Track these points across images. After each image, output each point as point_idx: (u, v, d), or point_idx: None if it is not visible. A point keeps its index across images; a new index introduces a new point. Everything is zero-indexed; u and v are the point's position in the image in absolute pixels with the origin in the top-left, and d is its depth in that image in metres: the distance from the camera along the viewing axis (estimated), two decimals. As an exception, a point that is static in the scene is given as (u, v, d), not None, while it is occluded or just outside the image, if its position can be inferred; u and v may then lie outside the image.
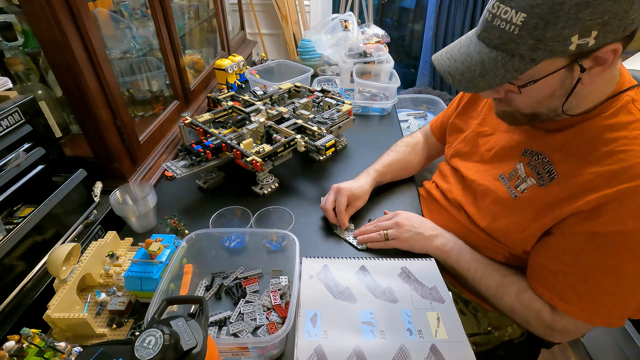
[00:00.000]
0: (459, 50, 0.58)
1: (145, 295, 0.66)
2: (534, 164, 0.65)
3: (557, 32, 0.48)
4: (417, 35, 3.02)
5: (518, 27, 0.49)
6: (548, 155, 0.64)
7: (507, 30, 0.50)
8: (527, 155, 0.68)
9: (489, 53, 0.54)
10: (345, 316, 0.65)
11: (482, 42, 0.55)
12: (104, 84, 0.81)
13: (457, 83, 0.57)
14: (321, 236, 0.84)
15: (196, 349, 0.41)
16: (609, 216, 0.54)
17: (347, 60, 1.46)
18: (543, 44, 0.49)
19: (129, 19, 1.15)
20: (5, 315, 0.60)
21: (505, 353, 0.82)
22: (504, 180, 0.70)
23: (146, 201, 0.80)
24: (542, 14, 0.47)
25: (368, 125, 1.31)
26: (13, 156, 0.68)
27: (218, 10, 1.60)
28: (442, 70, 0.59)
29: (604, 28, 0.47)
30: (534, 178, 0.65)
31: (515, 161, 0.69)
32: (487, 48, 0.54)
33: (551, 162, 0.63)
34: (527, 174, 0.66)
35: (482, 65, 0.54)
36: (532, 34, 0.49)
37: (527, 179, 0.66)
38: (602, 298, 0.58)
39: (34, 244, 0.66)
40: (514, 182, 0.68)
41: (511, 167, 0.70)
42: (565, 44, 0.48)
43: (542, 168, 0.64)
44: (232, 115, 1.09)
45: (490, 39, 0.53)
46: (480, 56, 0.54)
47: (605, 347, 1.36)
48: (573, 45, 0.48)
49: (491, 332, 0.81)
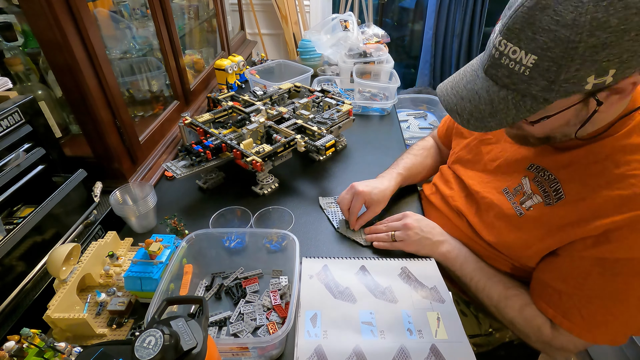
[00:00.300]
0: (465, 87, 0.55)
1: (145, 295, 0.66)
2: (540, 181, 0.63)
3: (572, 74, 0.44)
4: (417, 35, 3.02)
5: (529, 69, 0.46)
6: (555, 173, 0.62)
7: (517, 70, 0.47)
8: (533, 171, 0.65)
9: (499, 92, 0.51)
10: (345, 316, 0.64)
11: (489, 78, 0.52)
12: (104, 84, 0.81)
13: (465, 122, 0.54)
14: (321, 236, 0.84)
15: (196, 349, 0.41)
16: (619, 243, 0.53)
17: (347, 60, 1.46)
18: (557, 85, 0.46)
19: (129, 19, 1.15)
20: (5, 316, 0.60)
21: (505, 353, 0.83)
22: (509, 195, 0.69)
23: (146, 201, 0.80)
24: (554, 57, 0.44)
25: (368, 125, 1.31)
26: (13, 156, 0.68)
27: (218, 10, 1.60)
28: (448, 109, 0.56)
29: (622, 66, 0.43)
30: (540, 196, 0.63)
31: (521, 175, 0.67)
32: (495, 86, 0.51)
33: (558, 181, 0.61)
34: (532, 191, 0.64)
35: (492, 105, 0.51)
36: (544, 76, 0.46)
37: (532, 195, 0.64)
38: (606, 319, 0.58)
39: (33, 244, 0.66)
40: (519, 197, 0.66)
41: (516, 182, 0.68)
42: (581, 84, 0.45)
43: (548, 186, 0.62)
44: (232, 115, 1.09)
45: (499, 77, 0.50)
46: (489, 95, 0.51)
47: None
48: (589, 85, 0.45)
49: (492, 333, 0.81)
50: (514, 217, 0.66)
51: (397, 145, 1.18)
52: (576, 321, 0.60)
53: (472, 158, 0.81)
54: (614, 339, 0.59)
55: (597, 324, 0.59)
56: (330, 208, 0.91)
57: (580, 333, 0.60)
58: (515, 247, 0.67)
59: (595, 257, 0.56)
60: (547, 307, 0.63)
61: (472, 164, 0.80)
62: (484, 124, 0.52)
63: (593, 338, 0.60)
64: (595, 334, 0.60)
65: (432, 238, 0.77)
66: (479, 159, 0.79)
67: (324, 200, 0.93)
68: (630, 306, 0.57)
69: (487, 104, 0.51)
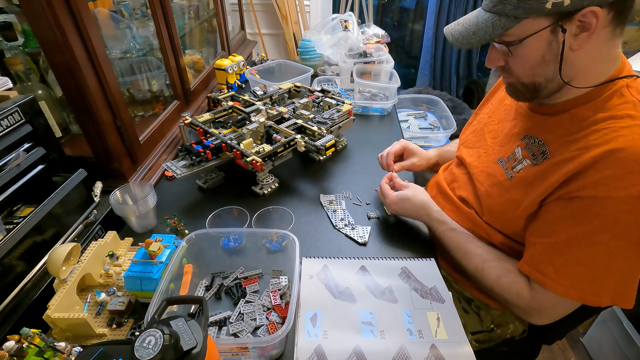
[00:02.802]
0: (464, 17, 0.65)
1: (145, 295, 0.66)
2: (530, 147, 0.68)
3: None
4: (417, 35, 3.02)
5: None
6: (543, 138, 0.67)
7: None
8: (525, 140, 0.70)
9: (484, 15, 0.60)
10: (345, 316, 0.65)
11: (482, 8, 0.62)
12: (104, 84, 0.81)
13: (454, 41, 0.64)
14: (321, 236, 0.84)
15: (196, 349, 0.41)
16: (584, 181, 0.57)
17: (347, 60, 1.46)
18: (523, 2, 0.54)
19: (129, 19, 1.15)
20: (5, 315, 0.60)
21: (507, 349, 0.83)
22: (502, 163, 0.73)
23: (146, 201, 0.80)
24: None
25: (368, 125, 1.31)
26: (13, 156, 0.68)
27: (218, 10, 1.60)
28: (446, 32, 0.66)
29: None
30: (529, 159, 0.67)
31: (514, 145, 0.72)
32: (483, 11, 0.61)
33: (545, 144, 0.66)
34: (523, 156, 0.69)
35: (477, 25, 0.60)
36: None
37: (523, 160, 0.69)
38: (576, 269, 0.59)
39: (33, 244, 0.66)
40: (510, 164, 0.71)
41: (510, 151, 0.72)
42: (541, 2, 0.53)
43: (537, 150, 0.67)
44: (232, 115, 1.09)
45: (486, 3, 0.60)
46: (477, 18, 0.61)
47: (605, 347, 1.36)
48: (549, 3, 0.53)
49: (494, 329, 0.82)
50: (505, 181, 0.70)
51: (397, 145, 1.18)
52: (548, 273, 0.61)
53: (476, 138, 0.86)
54: (584, 295, 0.59)
55: (567, 275, 0.60)
56: (330, 206, 0.91)
57: (552, 286, 0.61)
58: (506, 209, 0.69)
59: (565, 199, 0.60)
60: (524, 263, 0.65)
61: (474, 143, 0.85)
62: (467, 40, 0.62)
63: (565, 291, 0.60)
64: (566, 285, 0.60)
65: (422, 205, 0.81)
66: (481, 138, 0.84)
67: (325, 198, 0.94)
68: (598, 256, 0.57)
69: (474, 25, 0.61)
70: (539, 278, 0.62)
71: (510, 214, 0.68)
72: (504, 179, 0.71)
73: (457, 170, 0.87)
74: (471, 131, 0.90)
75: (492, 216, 0.72)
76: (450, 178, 0.88)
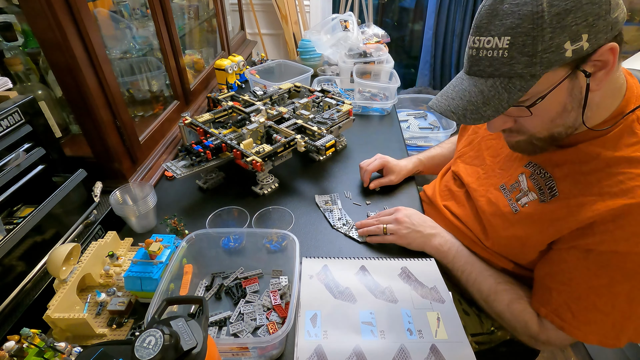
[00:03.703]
0: (454, 90, 0.57)
1: (145, 295, 0.66)
2: (537, 178, 0.65)
3: (548, 43, 0.48)
4: (417, 35, 3.02)
5: (506, 49, 0.50)
6: (550, 171, 0.63)
7: (496, 56, 0.51)
8: (530, 168, 0.67)
9: (485, 82, 0.53)
10: (345, 316, 0.65)
11: (474, 76, 0.55)
12: (104, 84, 0.81)
13: (462, 118, 0.55)
14: (321, 236, 0.84)
15: (196, 349, 0.41)
16: (603, 235, 0.54)
17: (347, 60, 1.46)
18: (538, 57, 0.49)
19: (129, 19, 1.15)
20: (5, 316, 0.60)
21: (507, 350, 0.83)
22: (505, 192, 0.70)
23: (146, 201, 0.80)
24: (525, 31, 0.48)
25: (368, 125, 1.31)
26: (13, 156, 0.68)
27: (218, 10, 1.60)
28: (443, 111, 0.57)
29: (592, 30, 0.47)
30: (536, 193, 0.64)
31: (518, 172, 0.69)
32: (481, 79, 0.54)
33: (553, 178, 0.62)
34: (529, 188, 0.65)
35: (483, 95, 0.53)
36: (523, 52, 0.49)
37: (528, 192, 0.65)
38: (596, 317, 0.58)
39: (33, 244, 0.66)
40: (515, 194, 0.68)
41: (513, 179, 0.69)
42: (560, 52, 0.48)
43: (544, 183, 0.63)
44: (232, 115, 1.09)
45: (482, 69, 0.53)
46: (478, 87, 0.54)
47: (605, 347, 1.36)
48: (568, 51, 0.48)
49: (494, 332, 0.82)
50: (510, 214, 0.67)
51: (397, 145, 1.18)
52: (566, 318, 0.60)
53: (474, 154, 0.83)
54: (604, 340, 0.58)
55: (587, 322, 0.59)
56: (327, 206, 0.91)
57: (571, 331, 0.60)
58: (510, 244, 0.68)
59: (581, 250, 0.57)
60: (540, 305, 0.64)
61: (473, 160, 0.82)
62: (479, 114, 0.53)
63: (584, 336, 0.59)
64: (585, 332, 0.59)
65: (424, 231, 0.78)
66: (479, 154, 0.81)
67: (321, 199, 0.94)
68: (619, 303, 0.56)
69: (478, 95, 0.53)
70: (558, 322, 0.61)
71: (515, 247, 0.67)
72: (509, 211, 0.68)
73: (456, 187, 0.85)
74: (467, 142, 0.86)
75: (496, 245, 0.71)
76: (446, 193, 0.87)
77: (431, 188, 0.94)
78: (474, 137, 0.85)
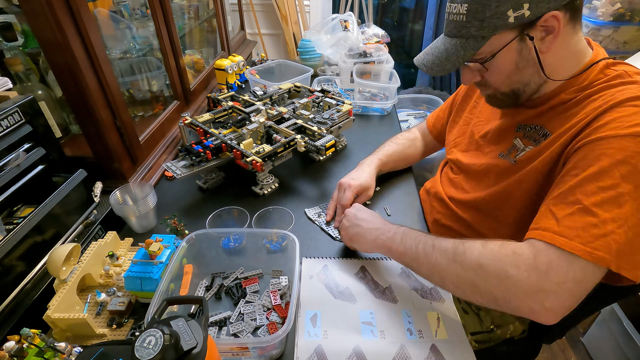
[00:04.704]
0: (431, 47, 0.69)
1: (146, 295, 0.66)
2: (529, 134, 0.69)
3: (494, 10, 0.57)
4: (417, 35, 3.01)
5: (464, 15, 0.61)
6: (539, 122, 0.68)
7: (458, 20, 0.62)
8: (521, 130, 0.71)
9: (450, 41, 0.65)
10: (345, 316, 0.65)
11: (446, 36, 0.67)
12: (104, 84, 0.81)
13: (429, 70, 0.67)
14: (321, 236, 0.84)
15: (196, 349, 0.41)
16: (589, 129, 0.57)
17: (347, 60, 1.46)
18: (486, 22, 0.59)
19: (128, 19, 1.15)
20: (6, 316, 0.60)
21: (507, 349, 0.83)
22: (505, 157, 0.73)
23: (146, 201, 0.80)
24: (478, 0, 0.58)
25: (368, 125, 1.31)
26: (13, 156, 0.68)
27: (218, 10, 1.60)
28: (418, 64, 0.70)
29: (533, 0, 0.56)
30: (532, 145, 0.68)
31: (512, 137, 0.72)
32: (448, 38, 0.66)
33: (543, 126, 0.67)
34: (524, 144, 0.70)
35: (447, 52, 0.65)
36: (476, 17, 0.59)
37: (525, 147, 0.69)
38: (581, 219, 0.52)
39: (34, 244, 0.66)
40: (513, 154, 0.71)
41: (509, 144, 0.73)
42: (504, 18, 0.58)
43: (536, 134, 0.68)
44: (232, 115, 1.09)
45: (450, 30, 0.65)
46: (445, 45, 0.66)
47: (605, 347, 1.36)
48: (511, 18, 0.57)
49: (494, 330, 0.82)
50: (511, 167, 0.71)
51: (397, 145, 1.18)
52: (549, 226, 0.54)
53: (468, 140, 0.86)
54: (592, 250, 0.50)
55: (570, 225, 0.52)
56: (320, 218, 0.88)
57: (553, 238, 0.52)
58: (512, 190, 0.69)
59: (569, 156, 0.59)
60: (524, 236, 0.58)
61: (468, 146, 0.85)
62: (441, 67, 0.65)
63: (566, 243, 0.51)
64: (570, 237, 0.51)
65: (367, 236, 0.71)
66: (472, 140, 0.84)
67: (312, 212, 0.89)
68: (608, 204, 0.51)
69: (443, 52, 0.65)
70: (538, 234, 0.54)
71: (517, 194, 0.68)
72: (509, 165, 0.71)
73: (453, 174, 0.86)
74: (461, 132, 0.89)
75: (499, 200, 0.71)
76: (447, 183, 0.88)
77: (431, 182, 0.95)
78: (466, 128, 0.88)
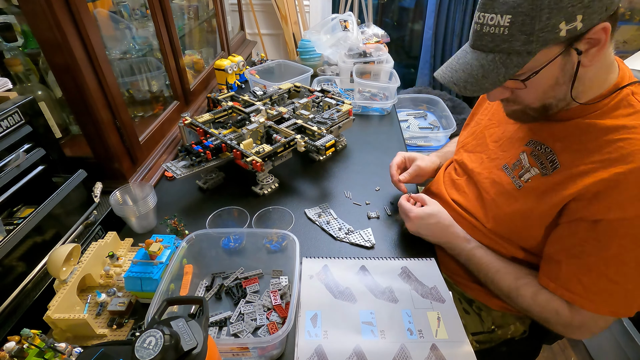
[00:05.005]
0: (458, 62, 0.61)
1: (146, 295, 0.66)
2: (537, 154, 0.67)
3: (544, 23, 0.51)
4: (417, 35, 3.02)
5: (507, 27, 0.53)
6: (550, 145, 0.65)
7: (498, 33, 0.54)
8: (531, 145, 0.69)
9: (486, 57, 0.57)
10: (345, 316, 0.65)
11: (477, 50, 0.59)
12: (103, 84, 0.81)
13: (463, 89, 0.59)
14: (321, 236, 0.84)
15: (196, 349, 0.41)
16: (608, 202, 0.55)
17: (347, 60, 1.46)
18: (534, 36, 0.52)
19: (128, 19, 1.15)
20: (6, 316, 0.60)
21: (507, 349, 0.83)
22: (508, 171, 0.71)
23: (146, 202, 0.80)
24: (525, 11, 0.51)
25: (368, 125, 1.31)
26: (13, 157, 0.68)
27: (218, 11, 1.60)
28: (446, 82, 0.61)
29: (587, 11, 0.50)
30: (537, 168, 0.66)
31: (519, 151, 0.70)
32: (483, 53, 0.58)
33: (554, 152, 0.64)
34: (530, 164, 0.67)
35: (483, 69, 0.57)
36: (522, 30, 0.52)
37: (530, 168, 0.67)
38: (607, 287, 0.58)
39: (34, 245, 0.66)
40: (517, 171, 0.69)
41: (515, 157, 0.71)
42: (555, 32, 0.51)
43: (545, 158, 0.65)
44: (232, 115, 1.09)
45: (484, 44, 0.57)
46: (479, 61, 0.58)
47: (606, 347, 1.36)
48: (562, 31, 0.51)
49: (494, 330, 0.82)
50: (514, 191, 0.68)
51: (397, 145, 1.18)
52: (577, 290, 0.60)
53: (477, 142, 0.84)
54: (616, 310, 0.59)
55: (598, 292, 0.59)
56: (320, 218, 0.88)
57: (582, 303, 0.60)
58: (513, 221, 0.68)
59: (589, 221, 0.58)
60: (549, 280, 0.64)
61: (475, 147, 0.84)
62: (479, 86, 0.58)
63: (596, 308, 0.59)
64: (597, 303, 0.59)
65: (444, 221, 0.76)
66: (482, 142, 0.82)
67: (312, 212, 0.89)
68: (629, 273, 0.57)
69: (479, 69, 0.57)
70: (568, 296, 0.61)
71: (519, 224, 0.67)
72: (512, 188, 0.69)
73: (456, 175, 0.86)
74: (470, 133, 0.88)
75: (500, 225, 0.71)
76: (449, 184, 0.87)
77: (435, 183, 0.94)
78: (477, 128, 0.86)
